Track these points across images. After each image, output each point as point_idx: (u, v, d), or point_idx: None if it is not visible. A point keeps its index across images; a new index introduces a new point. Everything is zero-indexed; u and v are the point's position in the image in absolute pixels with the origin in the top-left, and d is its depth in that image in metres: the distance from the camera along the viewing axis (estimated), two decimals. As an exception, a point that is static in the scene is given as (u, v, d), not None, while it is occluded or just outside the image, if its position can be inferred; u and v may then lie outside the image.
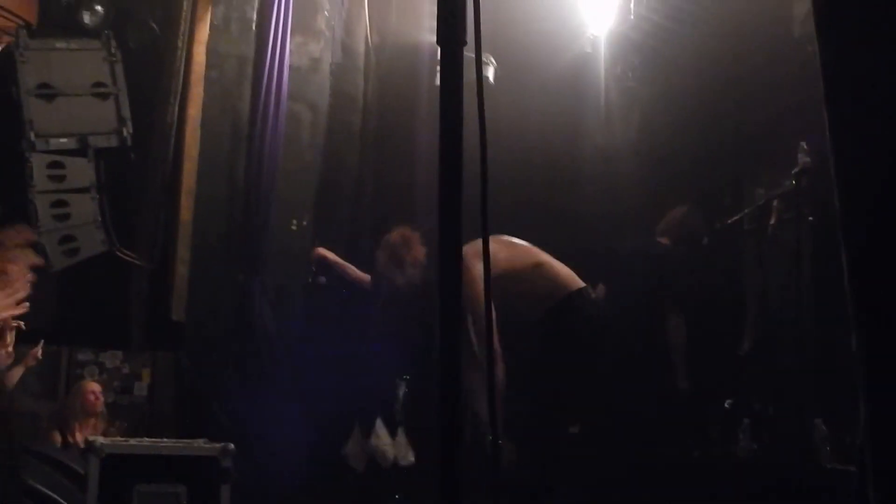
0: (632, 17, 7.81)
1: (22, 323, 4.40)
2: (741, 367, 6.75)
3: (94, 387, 6.62)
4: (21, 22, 8.05)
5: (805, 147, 5.77)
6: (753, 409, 6.30)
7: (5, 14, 8.23)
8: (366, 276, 7.03)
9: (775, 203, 6.47)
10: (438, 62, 5.85)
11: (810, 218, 5.97)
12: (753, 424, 6.18)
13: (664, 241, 6.74)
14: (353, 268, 7.17)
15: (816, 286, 6.13)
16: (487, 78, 7.82)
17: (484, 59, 7.81)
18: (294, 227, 7.88)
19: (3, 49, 7.25)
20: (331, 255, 7.20)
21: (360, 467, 6.87)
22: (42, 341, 6.17)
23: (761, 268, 6.61)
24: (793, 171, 5.88)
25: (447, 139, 1.70)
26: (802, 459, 5.65)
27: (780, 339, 6.44)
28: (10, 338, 4.26)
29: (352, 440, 6.92)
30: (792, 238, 6.02)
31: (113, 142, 6.96)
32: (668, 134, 7.57)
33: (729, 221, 6.75)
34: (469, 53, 1.77)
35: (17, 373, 5.89)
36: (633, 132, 8.02)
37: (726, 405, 6.51)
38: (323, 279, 7.20)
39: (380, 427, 6.80)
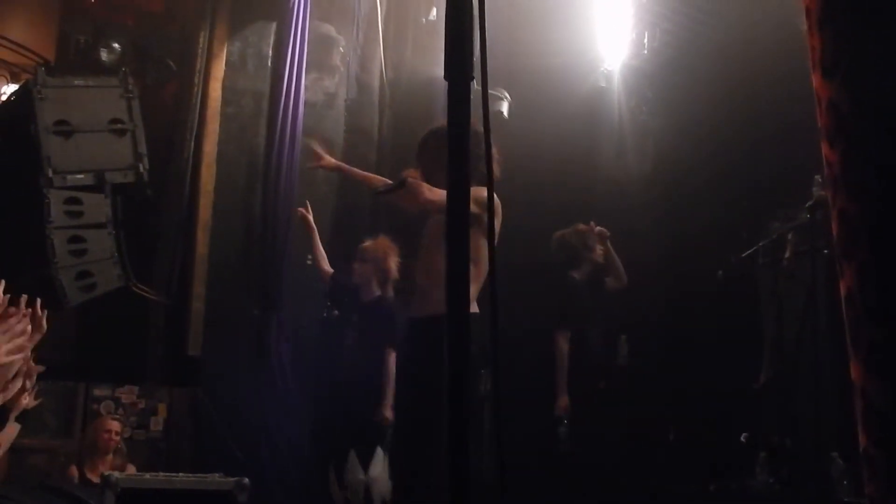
0: (645, 51, 7.85)
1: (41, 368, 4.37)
2: (758, 400, 6.71)
3: (113, 424, 6.63)
4: (39, 60, 8.15)
5: (819, 180, 5.76)
6: (770, 443, 6.25)
7: (24, 52, 8.33)
8: (327, 270, 6.99)
9: (790, 236, 6.45)
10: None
11: (825, 251, 5.95)
12: (770, 458, 6.13)
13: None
14: (321, 252, 7.05)
15: (832, 318, 6.09)
16: (502, 112, 7.86)
17: (498, 93, 7.89)
18: (309, 262, 7.88)
19: (21, 86, 7.32)
20: (310, 221, 6.99)
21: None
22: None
23: (777, 301, 6.58)
24: (807, 205, 5.87)
25: (455, 172, 1.71)
26: (820, 494, 5.60)
27: (797, 372, 6.40)
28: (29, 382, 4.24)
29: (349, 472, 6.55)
30: (807, 271, 6.00)
31: (129, 178, 6.99)
32: (683, 167, 7.57)
33: (744, 255, 6.73)
34: (478, 87, 1.79)
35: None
36: (648, 165, 8.02)
37: (743, 438, 6.47)
38: (336, 312, 7.14)
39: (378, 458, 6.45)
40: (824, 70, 1.89)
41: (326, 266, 7.02)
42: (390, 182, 5.61)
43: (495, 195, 5.30)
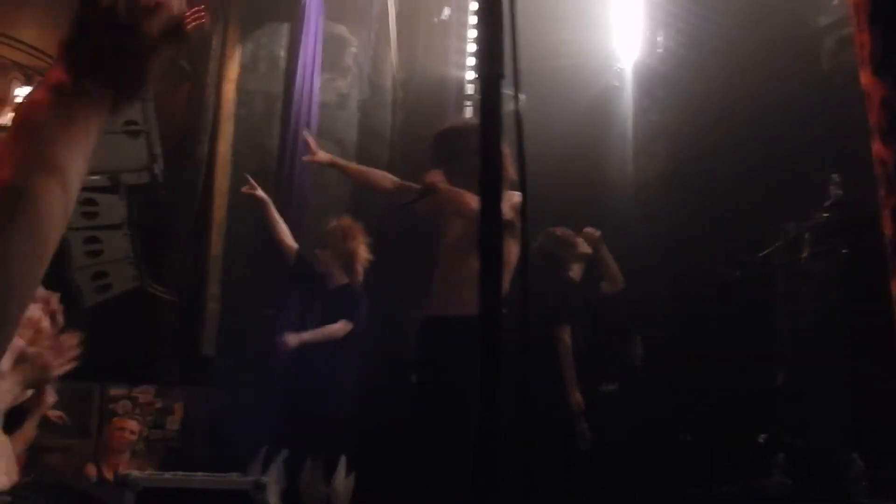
0: (659, 50, 7.84)
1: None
2: (774, 401, 6.70)
3: (130, 424, 6.65)
4: (53, 62, 8.16)
5: (836, 179, 5.75)
6: (788, 444, 6.23)
7: (38, 54, 8.35)
8: (291, 245, 6.62)
9: (807, 236, 6.44)
10: (466, 97, 5.86)
11: (843, 250, 5.94)
12: (787, 459, 6.12)
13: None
14: (282, 225, 6.68)
15: (848, 319, 6.08)
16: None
17: (512, 93, 7.87)
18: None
19: (36, 88, 7.33)
20: (259, 194, 6.62)
21: None
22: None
23: (793, 301, 6.57)
24: (825, 204, 5.85)
25: (487, 172, 1.72)
26: (838, 495, 5.58)
27: (814, 373, 6.39)
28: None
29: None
30: (824, 271, 5.99)
31: (144, 179, 7.03)
32: (697, 166, 7.56)
33: (760, 255, 6.72)
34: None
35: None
36: (661, 164, 8.01)
37: (760, 440, 6.45)
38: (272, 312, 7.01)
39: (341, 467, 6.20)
40: (875, 67, 1.88)
41: (290, 241, 6.64)
42: (388, 174, 5.61)
43: (515, 192, 5.32)
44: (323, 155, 5.86)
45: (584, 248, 6.84)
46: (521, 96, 5.85)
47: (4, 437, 3.68)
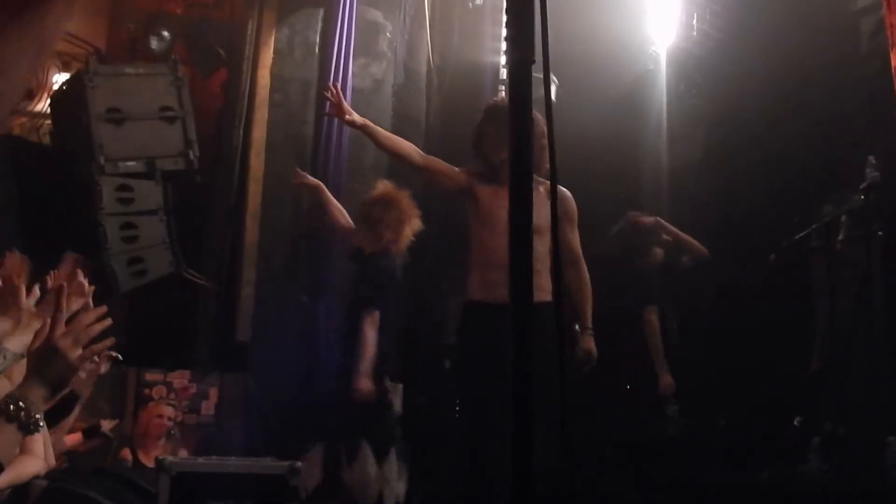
0: (695, 33, 7.77)
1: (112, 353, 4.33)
2: (811, 385, 6.65)
3: (165, 409, 6.69)
4: (90, 48, 8.22)
5: (874, 161, 5.68)
6: (824, 429, 6.19)
7: (75, 41, 8.42)
8: (347, 225, 6.43)
9: (843, 219, 6.37)
10: (501, 82, 5.85)
11: (880, 233, 5.87)
12: (824, 444, 6.08)
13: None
14: (336, 206, 6.54)
15: (887, 303, 6.02)
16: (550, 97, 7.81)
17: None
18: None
19: (73, 75, 7.39)
20: (309, 180, 6.61)
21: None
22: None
23: (830, 285, 6.51)
24: (861, 187, 5.79)
25: (517, 158, 1.70)
26: (874, 480, 5.54)
27: (851, 357, 6.33)
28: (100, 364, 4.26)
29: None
30: (861, 254, 5.93)
31: (180, 165, 7.06)
32: (733, 150, 7.51)
33: (796, 238, 6.66)
34: (536, 74, 1.77)
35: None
36: (698, 149, 7.96)
37: (796, 423, 6.42)
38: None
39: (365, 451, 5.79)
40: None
41: (346, 220, 6.40)
42: (417, 149, 5.54)
43: (566, 190, 5.38)
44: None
45: (664, 234, 6.88)
46: (555, 81, 5.85)
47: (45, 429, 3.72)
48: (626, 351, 6.61)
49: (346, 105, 5.54)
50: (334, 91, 5.56)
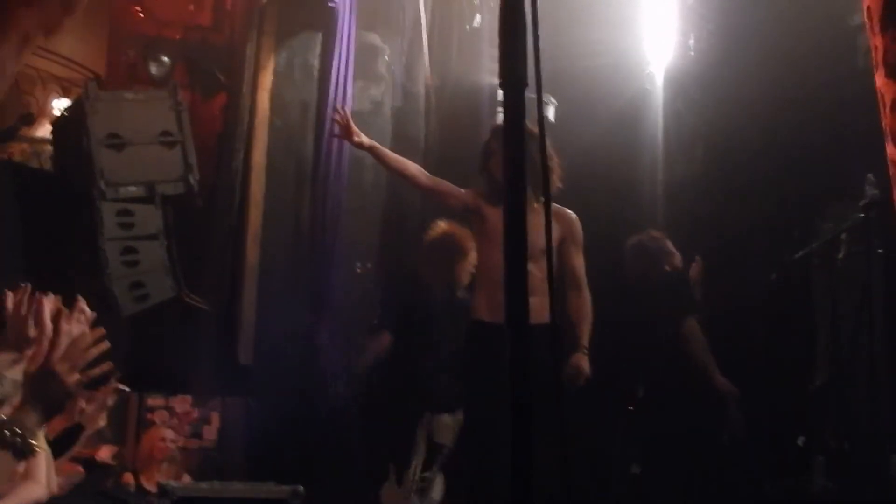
0: (692, 52, 7.80)
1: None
2: (814, 402, 6.64)
3: (166, 433, 6.69)
4: (90, 74, 8.26)
5: (872, 179, 5.68)
6: (828, 446, 6.18)
7: (75, 67, 8.46)
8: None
9: (843, 236, 6.38)
10: (500, 103, 5.90)
11: (880, 250, 5.88)
12: (828, 461, 6.06)
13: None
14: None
15: (888, 319, 6.02)
16: (548, 117, 7.84)
17: (545, 98, 7.86)
18: (359, 270, 7.93)
19: (73, 101, 7.43)
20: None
21: None
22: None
23: (832, 301, 6.51)
24: (860, 204, 5.79)
25: (512, 180, 1.71)
26: (880, 497, 5.52)
27: (854, 374, 6.32)
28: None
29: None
30: (861, 271, 5.93)
31: (180, 189, 7.07)
32: (732, 168, 7.51)
33: (797, 256, 6.66)
34: (530, 95, 1.78)
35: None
36: (697, 167, 7.97)
37: (799, 442, 6.40)
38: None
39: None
40: (888, 70, 1.87)
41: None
42: (423, 170, 5.63)
43: (572, 213, 5.43)
44: (364, 138, 5.71)
45: (678, 258, 6.86)
46: (553, 102, 5.87)
47: (46, 447, 3.71)
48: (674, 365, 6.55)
49: (354, 127, 5.59)
50: (342, 114, 5.62)
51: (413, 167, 5.62)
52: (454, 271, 6.37)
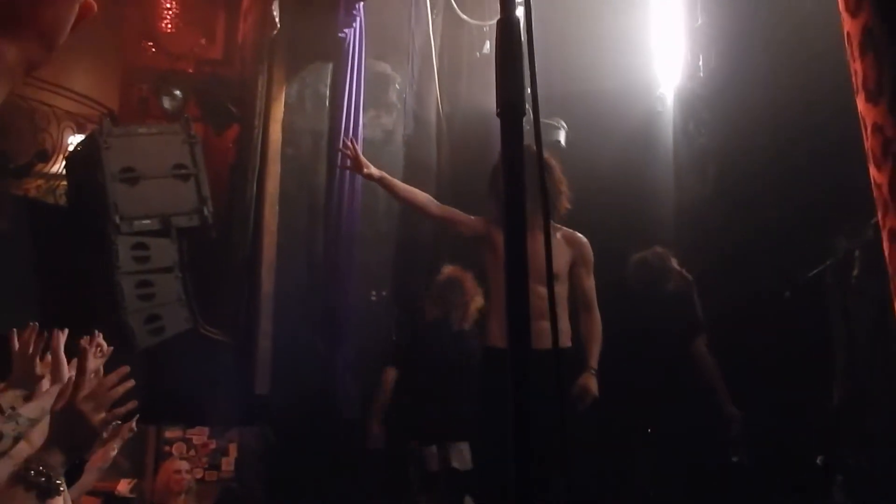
0: (701, 74, 7.81)
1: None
2: (832, 421, 6.60)
3: (181, 464, 6.70)
4: (104, 109, 8.34)
5: (884, 195, 5.68)
6: (847, 464, 6.14)
7: (88, 102, 8.54)
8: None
9: (857, 253, 6.36)
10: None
11: None
12: (848, 480, 6.02)
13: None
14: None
15: (905, 336, 5.98)
16: (559, 141, 7.86)
17: (555, 123, 7.89)
18: (374, 298, 7.94)
19: (87, 136, 7.49)
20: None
21: None
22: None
23: (847, 319, 6.48)
24: (872, 221, 5.77)
25: (512, 211, 1.73)
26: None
27: (872, 392, 6.29)
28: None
29: None
30: (876, 286, 5.90)
31: (194, 221, 7.12)
32: (744, 188, 7.50)
33: (811, 274, 6.64)
34: (545, 119, 1.80)
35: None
36: (708, 187, 7.97)
37: (819, 461, 6.36)
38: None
39: None
40: (868, 94, 1.90)
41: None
42: (433, 199, 5.67)
43: (582, 236, 5.47)
44: (374, 169, 5.70)
45: (680, 273, 6.88)
46: (564, 127, 5.88)
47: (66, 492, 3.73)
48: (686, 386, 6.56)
49: (363, 159, 5.61)
50: (351, 146, 5.65)
51: (423, 196, 5.65)
52: (460, 312, 6.63)
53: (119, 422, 3.84)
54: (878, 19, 1.89)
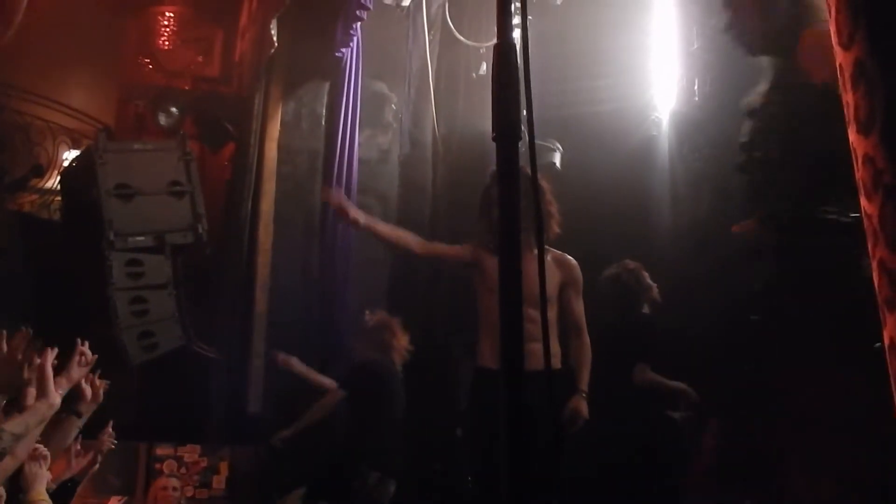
0: (696, 98, 7.84)
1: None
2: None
3: (172, 482, 6.67)
4: (99, 125, 8.34)
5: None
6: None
7: (84, 118, 8.54)
8: (329, 383, 7.05)
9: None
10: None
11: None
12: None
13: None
14: (315, 374, 7.19)
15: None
16: (554, 164, 7.88)
17: (550, 145, 7.91)
18: (368, 317, 7.93)
19: (83, 152, 7.49)
20: (295, 365, 7.16)
21: None
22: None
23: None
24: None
25: (507, 234, 1.73)
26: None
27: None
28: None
29: None
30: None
31: (189, 238, 7.11)
32: (739, 212, 7.51)
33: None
34: (541, 141, 1.81)
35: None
36: (703, 210, 7.98)
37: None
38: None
39: None
40: (859, 125, 1.91)
41: (325, 379, 7.15)
42: (418, 239, 5.72)
43: (572, 259, 5.50)
44: (361, 216, 5.79)
45: (655, 290, 6.87)
46: (559, 148, 5.90)
47: (48, 499, 3.73)
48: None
49: (350, 208, 5.62)
50: (334, 198, 5.72)
51: (408, 238, 5.67)
52: (389, 353, 7.01)
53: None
54: (870, 53, 1.91)
